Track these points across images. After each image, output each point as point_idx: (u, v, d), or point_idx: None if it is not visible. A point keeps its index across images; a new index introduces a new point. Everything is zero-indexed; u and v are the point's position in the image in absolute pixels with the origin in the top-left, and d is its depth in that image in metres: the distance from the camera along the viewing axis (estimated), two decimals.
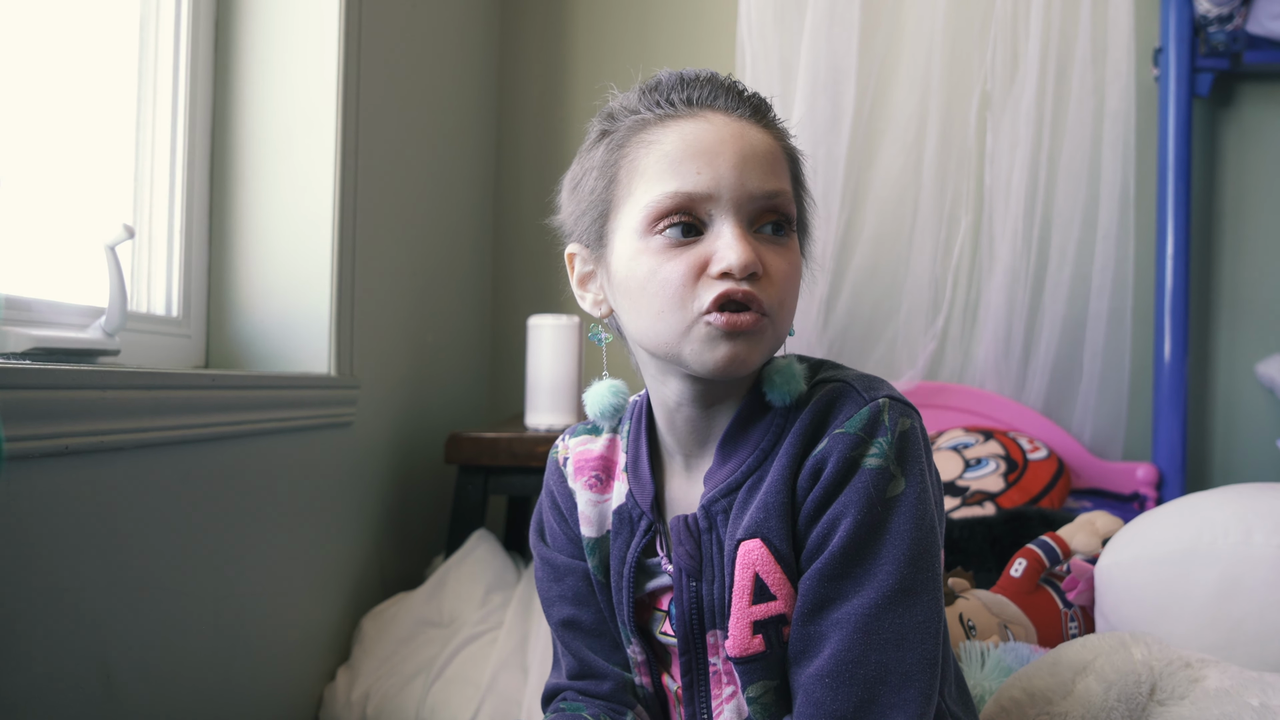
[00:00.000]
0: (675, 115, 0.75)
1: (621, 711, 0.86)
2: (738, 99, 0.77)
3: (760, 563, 0.74)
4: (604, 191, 0.77)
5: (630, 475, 0.84)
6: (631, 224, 0.75)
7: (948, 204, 2.23)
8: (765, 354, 0.75)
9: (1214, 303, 2.28)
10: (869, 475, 0.71)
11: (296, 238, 1.56)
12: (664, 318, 0.73)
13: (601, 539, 0.86)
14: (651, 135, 0.75)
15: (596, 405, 0.86)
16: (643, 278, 0.74)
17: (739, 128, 0.75)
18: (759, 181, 0.73)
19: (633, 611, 0.83)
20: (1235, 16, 2.08)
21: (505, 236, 2.49)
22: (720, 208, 0.73)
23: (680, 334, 0.73)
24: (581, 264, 0.82)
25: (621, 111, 0.78)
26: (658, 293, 0.73)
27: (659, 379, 0.80)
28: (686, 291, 0.72)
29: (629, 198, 0.75)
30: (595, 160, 0.79)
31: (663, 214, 0.73)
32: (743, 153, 0.73)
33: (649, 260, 0.73)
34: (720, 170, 0.72)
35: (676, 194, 0.72)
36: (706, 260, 0.72)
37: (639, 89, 0.79)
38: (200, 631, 1.26)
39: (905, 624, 0.70)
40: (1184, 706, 0.89)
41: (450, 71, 2.17)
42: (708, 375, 0.74)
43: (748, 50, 2.18)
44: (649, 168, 0.74)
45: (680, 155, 0.73)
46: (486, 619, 1.63)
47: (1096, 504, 2.04)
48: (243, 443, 1.35)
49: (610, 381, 0.87)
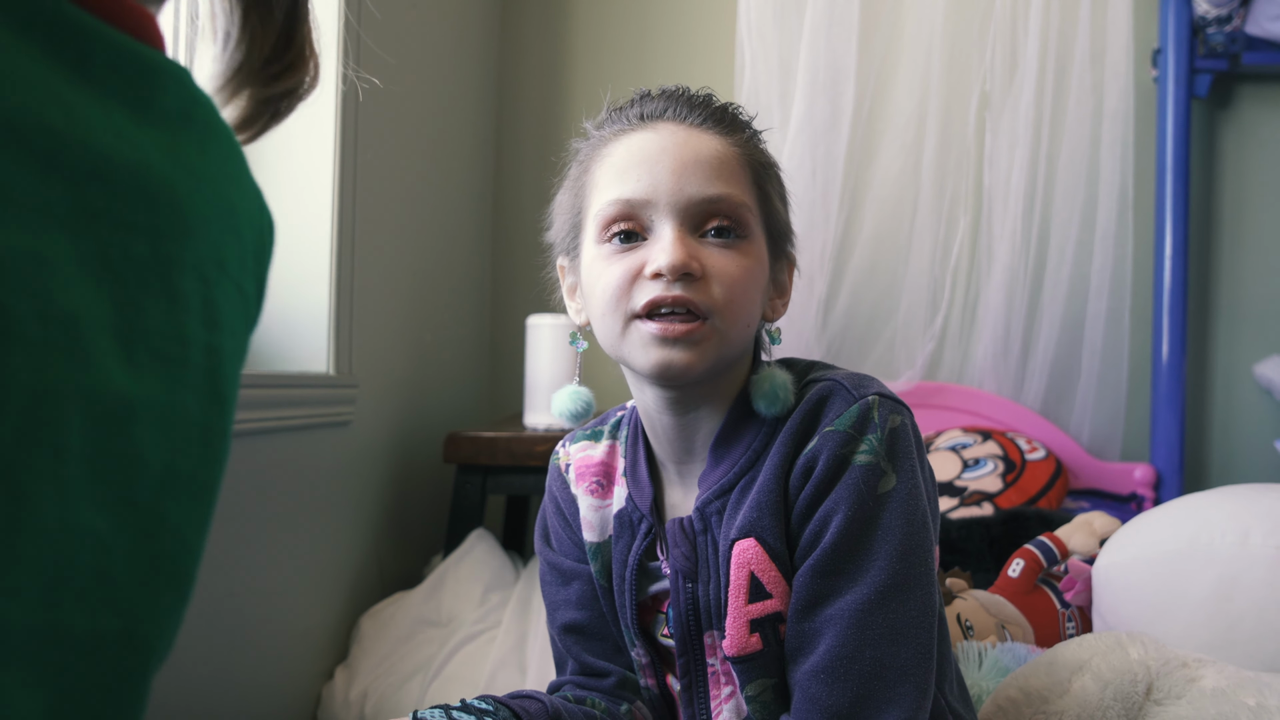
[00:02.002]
0: (628, 129, 0.79)
1: (618, 703, 0.87)
2: (689, 108, 0.79)
3: (755, 561, 0.75)
4: (572, 206, 0.82)
5: (629, 479, 0.85)
6: (590, 234, 0.78)
7: (946, 204, 2.23)
8: (712, 359, 0.75)
9: (1212, 304, 2.28)
10: (860, 472, 0.72)
11: (295, 236, 1.56)
12: (605, 320, 0.76)
13: (604, 544, 0.86)
14: (607, 150, 0.79)
15: (559, 408, 0.88)
16: (591, 283, 0.78)
17: (685, 135, 0.77)
18: (699, 186, 0.75)
19: (635, 614, 0.84)
20: (1234, 18, 2.09)
21: (504, 236, 2.49)
22: (659, 212, 0.75)
23: (619, 336, 0.76)
24: (567, 276, 0.85)
25: (591, 131, 0.83)
26: (601, 295, 0.76)
27: (636, 386, 0.82)
28: (622, 294, 0.75)
29: (589, 209, 0.79)
30: (569, 178, 0.84)
31: (609, 221, 0.76)
32: (683, 159, 0.75)
33: (598, 266, 0.77)
34: (658, 176, 0.75)
35: (617, 200, 0.75)
36: (644, 263, 0.74)
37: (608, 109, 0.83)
38: (198, 630, 1.26)
39: (899, 619, 0.70)
40: (1180, 706, 0.89)
41: (449, 70, 2.17)
42: (650, 379, 0.77)
43: (747, 50, 2.19)
44: (601, 179, 0.78)
45: (624, 164, 0.77)
46: (485, 618, 1.63)
47: (1094, 504, 2.05)
48: (241, 441, 1.35)
49: (573, 388, 0.88)
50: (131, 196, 0.38)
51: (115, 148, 0.37)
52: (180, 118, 0.42)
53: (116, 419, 0.36)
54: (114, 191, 0.37)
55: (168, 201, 0.39)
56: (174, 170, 0.40)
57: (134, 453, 0.37)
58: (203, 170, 0.42)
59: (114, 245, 0.37)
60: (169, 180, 0.40)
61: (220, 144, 0.44)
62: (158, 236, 0.39)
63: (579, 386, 0.88)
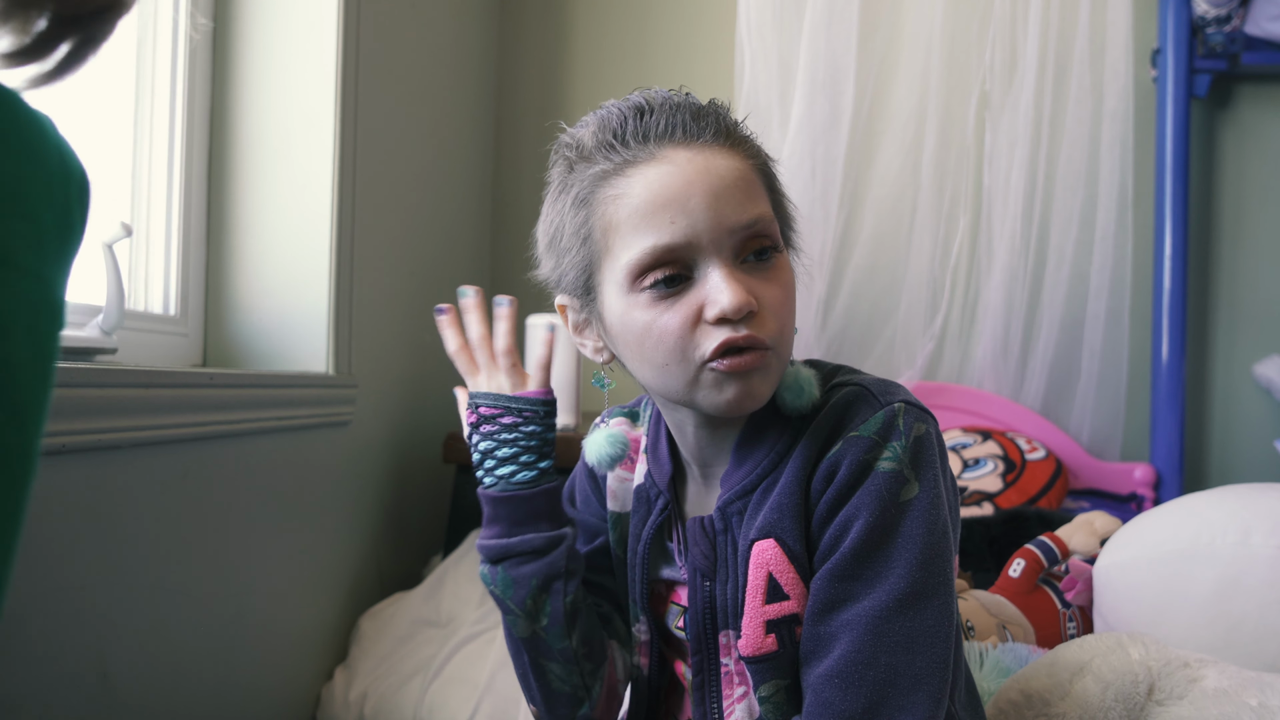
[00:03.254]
0: (634, 160, 0.72)
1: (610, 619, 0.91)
2: (696, 124, 0.73)
3: (774, 562, 0.75)
4: (581, 249, 0.76)
5: (650, 456, 0.87)
6: (616, 279, 0.73)
7: (946, 204, 2.23)
8: (775, 382, 0.75)
9: (1212, 304, 2.28)
10: (882, 479, 0.72)
11: (295, 236, 1.55)
12: (669, 370, 0.73)
13: (623, 515, 0.89)
14: (616, 188, 0.73)
15: (594, 456, 0.86)
16: (639, 331, 0.73)
17: (703, 161, 0.72)
18: (736, 214, 0.71)
19: (645, 589, 0.85)
20: (1233, 18, 2.09)
21: (503, 236, 2.49)
22: (703, 252, 0.71)
23: (688, 383, 0.73)
24: (574, 314, 0.81)
25: (576, 158, 0.75)
26: (657, 345, 0.72)
27: (669, 408, 0.82)
28: (686, 341, 0.72)
29: (608, 254, 0.74)
30: (565, 216, 0.76)
31: (644, 270, 0.72)
32: (713, 189, 0.71)
33: (642, 315, 0.73)
34: (694, 215, 0.70)
35: (655, 249, 0.71)
36: (700, 306, 0.71)
37: (593, 129, 0.75)
38: (197, 630, 1.26)
39: (915, 628, 0.70)
40: (1182, 706, 0.89)
41: (449, 69, 2.17)
42: (722, 415, 0.75)
43: (746, 50, 2.18)
44: (621, 223, 0.72)
45: (649, 207, 0.71)
46: (484, 618, 1.63)
47: (1094, 504, 2.04)
48: (240, 441, 1.35)
49: (608, 431, 0.87)
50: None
51: None
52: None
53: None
54: None
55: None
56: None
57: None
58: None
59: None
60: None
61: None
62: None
63: (611, 429, 0.87)
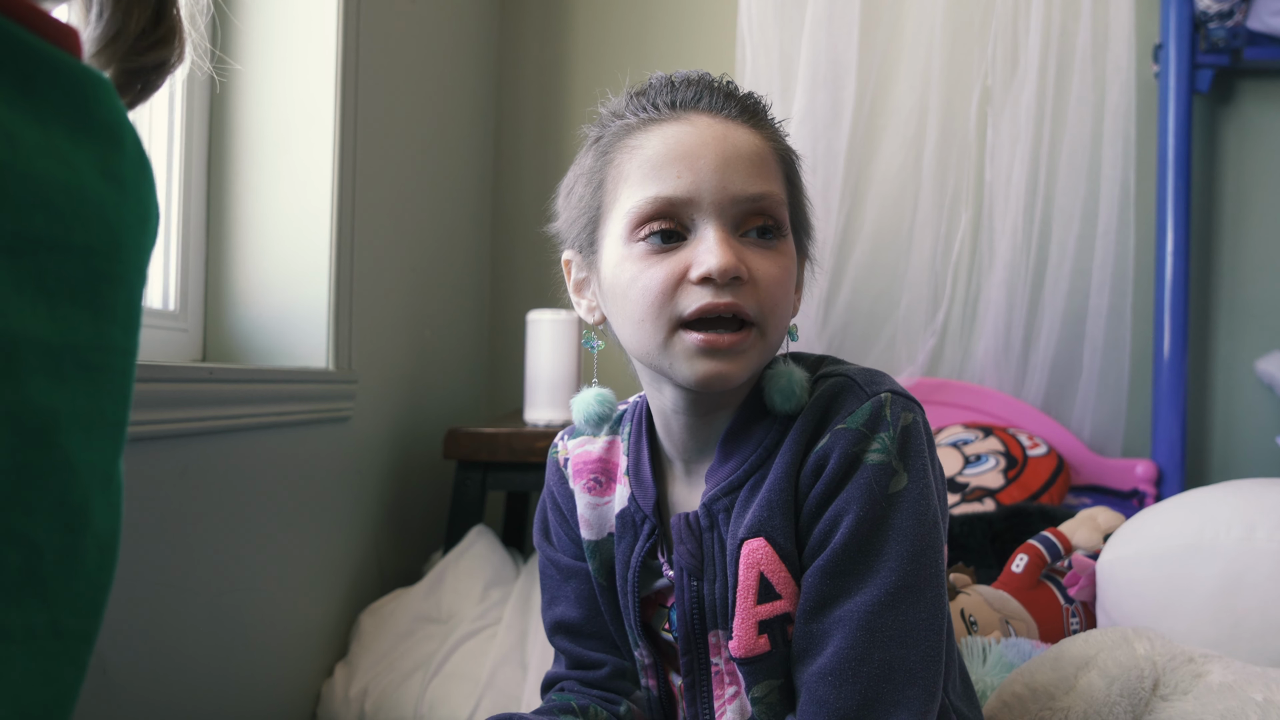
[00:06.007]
0: (659, 119, 0.74)
1: (616, 701, 0.85)
2: (724, 99, 0.75)
3: (765, 561, 0.73)
4: (592, 198, 0.77)
5: (632, 479, 0.83)
6: (617, 230, 0.74)
7: (948, 199, 2.23)
8: (755, 366, 0.73)
9: (1213, 299, 2.28)
10: (871, 471, 0.70)
11: (295, 231, 1.55)
12: (644, 326, 0.72)
13: (601, 542, 0.85)
14: (635, 140, 0.74)
15: (581, 413, 0.85)
16: (625, 284, 0.73)
17: (723, 129, 0.73)
18: (742, 184, 0.71)
19: (639, 615, 0.82)
20: (1235, 13, 2.08)
21: (504, 231, 2.48)
22: (702, 212, 0.71)
23: (661, 343, 0.72)
24: (576, 270, 0.81)
25: (609, 117, 0.77)
26: (639, 300, 0.72)
27: (654, 386, 0.80)
28: (665, 298, 0.71)
29: (615, 204, 0.74)
30: (585, 167, 0.78)
31: (644, 219, 0.72)
32: (725, 154, 0.71)
33: (631, 267, 0.72)
34: (701, 173, 0.71)
35: (656, 199, 0.71)
36: (687, 266, 0.71)
37: (628, 94, 0.78)
38: (197, 626, 1.26)
39: (908, 621, 0.69)
40: (1187, 701, 0.89)
41: (449, 66, 2.16)
42: (692, 388, 0.74)
43: (748, 45, 2.18)
44: (632, 173, 0.73)
45: (661, 159, 0.72)
46: (485, 615, 1.62)
47: (1096, 500, 2.04)
48: (240, 437, 1.35)
49: (597, 390, 0.85)
50: (69, 220, 0.41)
51: (55, 173, 0.40)
52: (111, 130, 0.44)
53: (41, 432, 0.39)
54: (53, 217, 0.40)
55: (100, 220, 0.42)
56: (107, 188, 0.43)
57: (61, 459, 0.40)
58: (129, 181, 0.45)
59: (50, 267, 0.39)
60: (102, 199, 0.43)
61: (138, 148, 0.47)
62: (90, 254, 0.42)
63: (601, 388, 0.85)
